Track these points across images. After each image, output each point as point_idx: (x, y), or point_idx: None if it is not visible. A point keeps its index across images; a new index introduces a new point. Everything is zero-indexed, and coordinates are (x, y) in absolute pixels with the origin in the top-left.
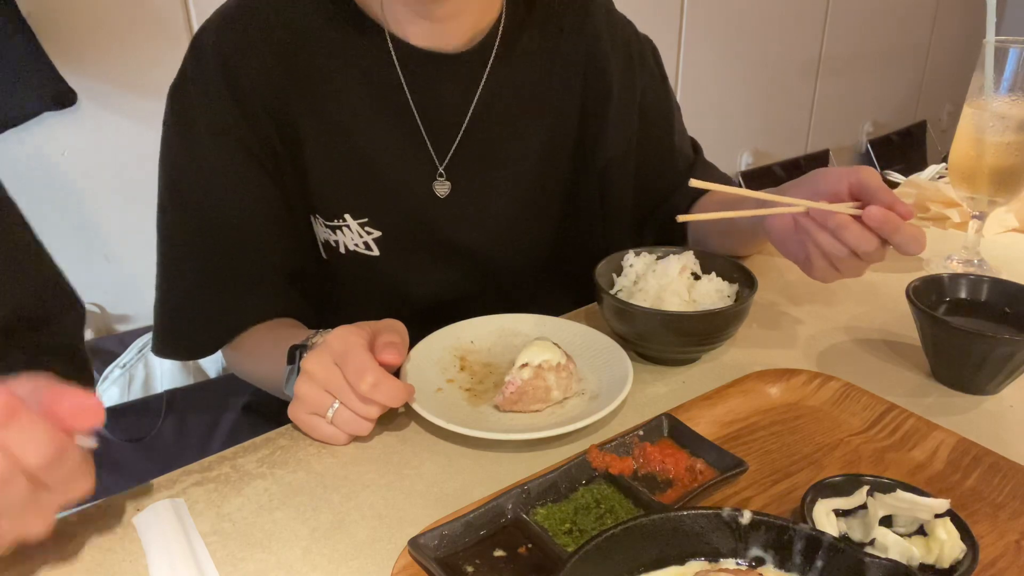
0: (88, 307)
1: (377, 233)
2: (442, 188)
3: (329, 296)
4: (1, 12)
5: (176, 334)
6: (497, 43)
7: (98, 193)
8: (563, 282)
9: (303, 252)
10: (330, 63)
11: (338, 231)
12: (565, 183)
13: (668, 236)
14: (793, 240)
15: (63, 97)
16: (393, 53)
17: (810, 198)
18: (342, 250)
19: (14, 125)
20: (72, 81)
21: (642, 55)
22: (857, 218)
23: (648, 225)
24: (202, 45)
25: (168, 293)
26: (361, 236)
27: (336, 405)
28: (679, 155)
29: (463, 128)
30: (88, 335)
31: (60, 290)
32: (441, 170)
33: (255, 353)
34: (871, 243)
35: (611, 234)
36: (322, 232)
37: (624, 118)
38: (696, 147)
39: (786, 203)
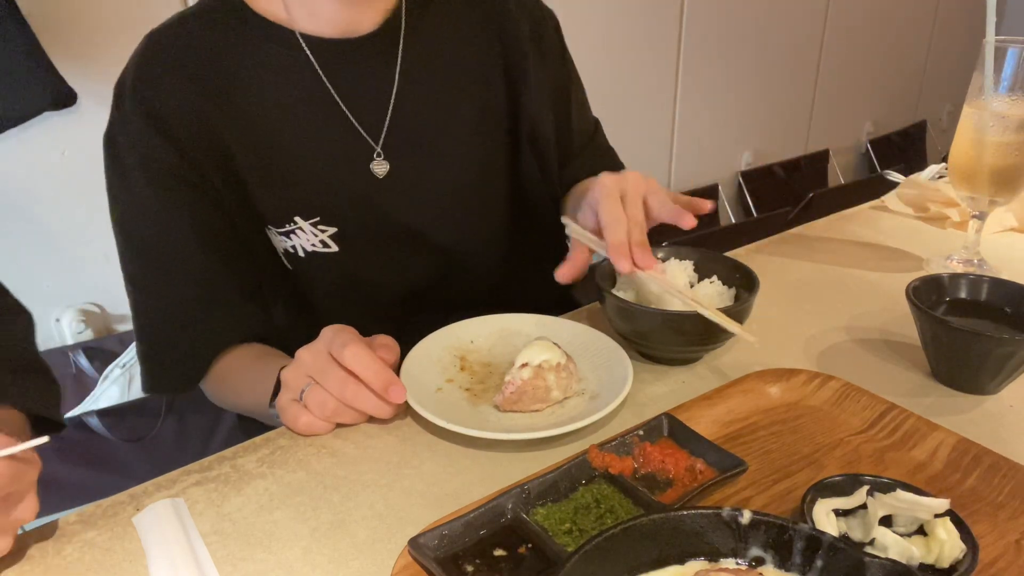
0: (88, 307)
1: (332, 229)
2: (380, 168)
3: (303, 305)
4: (1, 12)
5: (158, 372)
6: (404, 18)
7: (98, 193)
8: (537, 272)
9: (261, 267)
10: (247, 76)
11: (292, 235)
12: (505, 156)
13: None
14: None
15: (63, 97)
16: (306, 49)
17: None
18: (301, 253)
19: (14, 125)
20: (72, 81)
21: (545, 26)
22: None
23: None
24: (122, 90)
25: (142, 334)
26: (316, 235)
27: (310, 385)
28: (575, 134)
29: (391, 106)
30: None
31: (2, 301)
32: (378, 149)
33: (235, 383)
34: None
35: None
36: (279, 241)
37: (540, 83)
38: (597, 126)
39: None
